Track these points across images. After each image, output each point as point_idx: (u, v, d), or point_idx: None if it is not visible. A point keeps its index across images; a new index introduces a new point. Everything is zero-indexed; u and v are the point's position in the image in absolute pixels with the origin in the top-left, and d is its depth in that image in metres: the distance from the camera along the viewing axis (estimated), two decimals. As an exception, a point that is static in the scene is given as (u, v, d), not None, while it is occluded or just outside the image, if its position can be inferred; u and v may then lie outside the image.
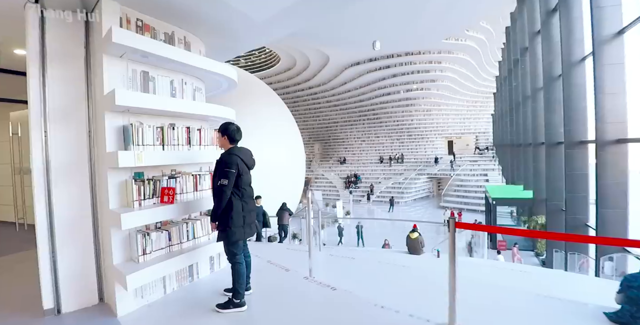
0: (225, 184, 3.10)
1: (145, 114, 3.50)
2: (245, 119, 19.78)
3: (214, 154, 3.83)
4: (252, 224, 3.36)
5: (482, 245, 17.09)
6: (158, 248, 3.42)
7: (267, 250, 6.08)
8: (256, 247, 5.68)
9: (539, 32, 16.96)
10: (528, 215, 19.80)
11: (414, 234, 7.99)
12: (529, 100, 19.13)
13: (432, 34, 25.72)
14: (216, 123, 4.03)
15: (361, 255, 5.95)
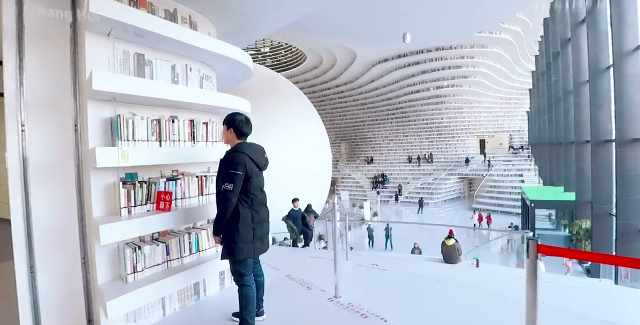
0: (230, 189, 2.52)
1: (139, 104, 2.95)
2: (272, 119, 19.66)
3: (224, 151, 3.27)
4: (264, 237, 2.79)
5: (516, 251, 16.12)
6: (153, 264, 2.86)
7: (288, 259, 5.50)
8: (275, 257, 5.11)
9: (583, 21, 15.91)
10: (569, 219, 18.68)
11: (450, 241, 7.25)
12: (571, 96, 18.04)
13: (464, 27, 24.55)
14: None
15: (392, 266, 5.29)
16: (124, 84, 2.56)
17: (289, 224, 8.81)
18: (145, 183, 2.83)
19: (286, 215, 8.88)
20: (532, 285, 1.72)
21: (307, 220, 8.98)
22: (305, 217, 9.06)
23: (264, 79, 23.02)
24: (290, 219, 8.75)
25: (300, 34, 26.47)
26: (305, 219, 9.02)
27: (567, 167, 19.03)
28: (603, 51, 14.13)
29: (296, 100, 23.04)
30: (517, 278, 5.90)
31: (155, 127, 2.91)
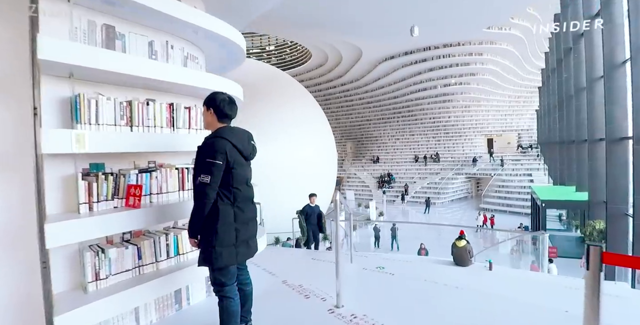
0: (207, 182, 2.12)
1: (107, 83, 2.54)
2: (277, 117, 19.32)
3: None
4: (250, 240, 2.36)
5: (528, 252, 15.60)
6: (120, 270, 2.44)
7: (286, 262, 5.08)
8: (272, 259, 4.70)
9: (597, 14, 15.38)
10: (581, 219, 18.16)
11: (461, 242, 6.78)
12: (584, 93, 17.57)
13: (473, 23, 23.96)
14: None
15: (400, 269, 4.85)
16: (84, 54, 2.14)
17: (300, 221, 8.04)
18: (112, 175, 2.41)
19: (300, 210, 8.12)
20: (593, 303, 1.28)
21: (323, 221, 8.18)
22: (322, 217, 8.30)
23: (268, 77, 22.74)
24: (303, 216, 7.95)
25: (305, 30, 26.11)
26: (322, 219, 8.22)
27: (579, 166, 18.55)
28: (619, 45, 13.68)
29: (301, 98, 22.79)
30: (535, 283, 5.44)
31: (126, 110, 2.50)
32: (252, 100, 19.47)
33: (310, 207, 8.07)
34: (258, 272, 4.14)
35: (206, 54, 3.56)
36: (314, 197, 8.21)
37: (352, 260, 4.93)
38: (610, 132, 13.71)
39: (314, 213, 8.06)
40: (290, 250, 7.86)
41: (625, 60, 12.94)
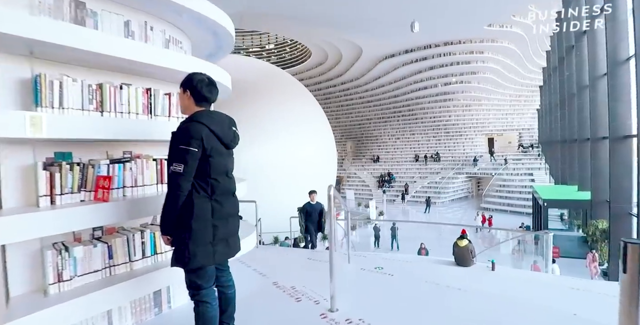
0: (180, 171, 1.88)
1: (74, 64, 2.30)
2: (276, 116, 19.09)
3: None
4: (230, 237, 2.11)
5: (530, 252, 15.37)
6: (88, 271, 2.20)
7: (279, 262, 4.84)
8: (264, 259, 4.46)
9: (601, 11, 15.16)
10: (583, 218, 17.95)
11: (462, 241, 6.54)
12: (587, 91, 17.33)
13: (474, 20, 23.67)
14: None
15: (399, 269, 4.62)
16: (47, 29, 1.90)
17: (299, 220, 7.77)
18: (78, 165, 2.17)
19: (300, 208, 7.79)
20: (631, 312, 1.04)
21: (324, 219, 7.68)
22: (324, 215, 7.77)
23: (268, 75, 22.56)
24: (304, 214, 7.60)
25: (305, 27, 25.91)
26: (323, 217, 7.73)
27: (582, 165, 18.32)
28: (623, 42, 13.52)
29: (301, 97, 22.63)
30: (540, 284, 5.20)
31: (96, 93, 2.26)
32: (251, 99, 19.41)
33: (310, 204, 7.70)
34: (247, 273, 3.90)
35: (192, 39, 3.31)
36: (315, 194, 7.74)
37: (349, 260, 4.69)
38: (614, 130, 13.50)
39: (315, 211, 7.67)
40: (287, 250, 7.61)
41: (630, 56, 12.76)
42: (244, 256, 3.40)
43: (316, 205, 7.67)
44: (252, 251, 3.13)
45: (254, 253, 3.70)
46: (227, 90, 3.16)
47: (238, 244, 2.20)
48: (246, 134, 16.12)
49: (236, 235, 2.17)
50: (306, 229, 7.62)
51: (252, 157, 18.27)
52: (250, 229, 3.21)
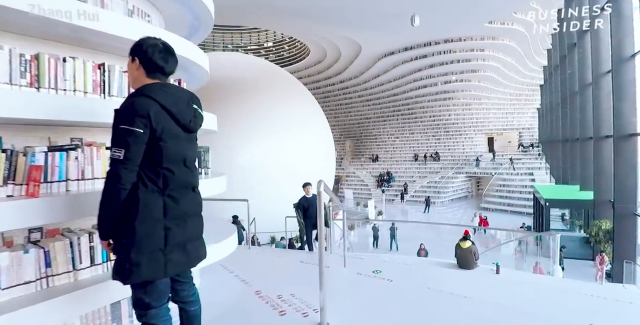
0: (120, 158, 1.52)
1: (5, 29, 1.95)
2: (274, 114, 18.81)
3: None
4: (189, 243, 1.70)
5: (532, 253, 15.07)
6: (17, 283, 1.81)
7: (268, 265, 4.51)
8: (249, 263, 4.13)
9: (601, 10, 14.92)
10: (584, 219, 17.68)
11: (465, 243, 6.26)
12: (589, 88, 17.11)
13: (475, 16, 23.34)
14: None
15: (399, 274, 4.31)
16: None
17: (297, 218, 7.00)
18: (4, 152, 1.78)
19: (296, 204, 7.10)
20: None
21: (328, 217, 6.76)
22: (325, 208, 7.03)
23: (266, 73, 22.27)
24: (301, 210, 6.85)
25: (304, 23, 25.56)
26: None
27: (584, 165, 18.08)
28: (627, 38, 13.22)
29: (300, 96, 22.40)
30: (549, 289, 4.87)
31: (31, 65, 1.88)
32: (249, 97, 19.08)
33: (306, 198, 6.98)
34: (227, 281, 3.51)
35: (164, 14, 2.95)
36: (309, 186, 7.02)
37: (345, 263, 4.36)
38: (619, 129, 13.23)
39: (311, 205, 6.87)
40: (280, 251, 7.22)
41: (635, 53, 12.52)
42: (228, 261, 3.08)
43: (312, 198, 6.87)
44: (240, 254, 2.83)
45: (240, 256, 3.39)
46: (205, 75, 2.82)
47: (201, 251, 1.79)
48: (244, 132, 15.88)
49: (198, 240, 1.76)
50: (304, 225, 6.87)
51: (249, 156, 18.00)
52: (229, 229, 2.87)
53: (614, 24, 13.72)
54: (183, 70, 2.55)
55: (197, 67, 2.54)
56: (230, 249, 2.55)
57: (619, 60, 13.26)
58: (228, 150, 17.71)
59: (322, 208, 2.26)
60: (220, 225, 2.84)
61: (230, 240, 2.59)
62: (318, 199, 2.25)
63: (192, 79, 2.80)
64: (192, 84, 3.00)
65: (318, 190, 2.20)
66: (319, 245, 2.32)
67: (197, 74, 2.74)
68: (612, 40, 13.73)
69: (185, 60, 2.34)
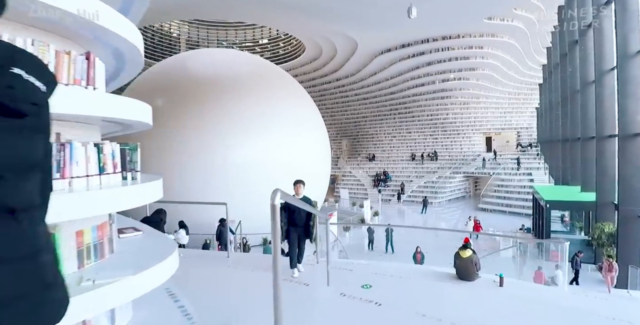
0: None
1: None
2: (268, 112, 18.26)
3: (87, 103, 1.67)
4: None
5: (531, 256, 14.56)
6: None
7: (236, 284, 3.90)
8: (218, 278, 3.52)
9: (608, 2, 14.44)
10: (585, 221, 17.20)
11: (465, 252, 5.65)
12: (591, 87, 16.74)
13: (474, 12, 22.78)
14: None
15: (390, 292, 3.73)
16: None
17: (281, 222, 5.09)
18: None
19: (282, 204, 5.23)
20: None
21: (312, 222, 5.41)
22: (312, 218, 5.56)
23: (261, 70, 21.73)
24: (286, 213, 5.33)
25: (299, 18, 24.98)
26: (312, 218, 5.48)
27: (585, 165, 17.64)
28: (633, 33, 12.78)
29: (295, 93, 21.90)
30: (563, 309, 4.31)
31: None
32: (243, 94, 18.47)
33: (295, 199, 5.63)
34: (165, 316, 2.87)
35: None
36: (300, 184, 5.57)
37: (329, 280, 3.74)
38: (624, 128, 12.81)
39: (300, 209, 5.31)
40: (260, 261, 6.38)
41: (639, 50, 12.00)
42: (183, 280, 2.49)
43: (302, 199, 5.36)
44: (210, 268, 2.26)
45: (206, 273, 2.79)
46: (136, 56, 2.21)
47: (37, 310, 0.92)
48: (238, 130, 15.24)
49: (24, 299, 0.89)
50: (287, 235, 5.29)
51: (243, 154, 17.49)
52: (169, 247, 2.26)
53: (618, 19, 13.29)
54: (97, 42, 1.96)
55: (119, 41, 1.94)
56: (169, 273, 1.96)
57: (624, 56, 12.85)
58: (222, 148, 17.41)
59: (278, 225, 1.64)
60: (158, 243, 2.27)
61: (170, 260, 1.99)
62: (272, 215, 1.65)
63: (115, 58, 2.20)
64: (118, 68, 2.41)
65: (272, 204, 1.61)
66: (274, 271, 1.66)
67: (121, 51, 2.14)
68: (617, 36, 13.28)
69: (98, 28, 1.75)
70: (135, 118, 1.92)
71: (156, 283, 1.81)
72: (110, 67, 2.34)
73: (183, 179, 16.95)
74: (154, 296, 1.71)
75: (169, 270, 1.95)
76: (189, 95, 17.95)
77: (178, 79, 19.32)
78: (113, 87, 2.90)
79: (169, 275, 1.92)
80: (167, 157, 17.20)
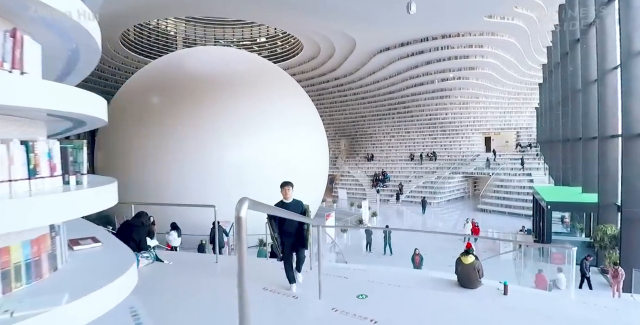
0: None
1: None
2: (265, 111, 17.98)
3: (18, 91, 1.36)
4: None
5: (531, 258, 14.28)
6: None
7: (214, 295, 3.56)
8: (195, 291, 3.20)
9: (609, 0, 14.19)
10: (586, 222, 16.92)
11: (468, 258, 5.36)
12: (593, 86, 16.51)
13: (474, 10, 22.41)
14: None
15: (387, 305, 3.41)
16: None
17: (271, 231, 4.71)
18: None
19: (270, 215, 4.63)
20: None
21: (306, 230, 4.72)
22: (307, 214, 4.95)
23: (258, 69, 21.50)
24: (275, 220, 4.62)
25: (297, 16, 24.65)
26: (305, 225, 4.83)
27: (587, 166, 17.36)
28: (637, 31, 12.47)
29: (293, 92, 21.74)
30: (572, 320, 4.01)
31: None
32: (241, 93, 18.15)
33: (284, 204, 4.74)
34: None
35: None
36: (288, 187, 4.78)
37: (320, 294, 3.38)
38: (627, 127, 12.53)
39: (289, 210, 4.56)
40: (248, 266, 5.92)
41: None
42: (146, 299, 2.15)
43: (292, 204, 4.77)
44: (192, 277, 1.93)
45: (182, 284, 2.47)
46: (88, 39, 1.86)
47: None
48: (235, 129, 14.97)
49: None
50: (281, 244, 4.59)
51: (240, 153, 17.25)
52: (126, 262, 1.88)
53: (622, 17, 12.97)
54: (36, 22, 1.63)
55: (60, 19, 1.61)
56: (115, 299, 1.61)
57: (628, 54, 12.57)
58: (219, 147, 17.21)
59: (243, 243, 1.30)
60: (110, 258, 1.92)
61: (115, 286, 1.64)
62: (238, 227, 1.30)
63: (63, 41, 1.86)
64: (73, 56, 2.07)
65: (237, 216, 1.28)
66: (239, 289, 1.30)
67: (67, 33, 1.80)
68: (621, 34, 12.97)
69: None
70: (81, 111, 1.59)
71: (102, 309, 1.48)
72: (60, 53, 2.00)
73: (180, 177, 16.71)
74: (111, 316, 1.40)
75: (121, 292, 1.62)
76: (185, 94, 17.72)
77: (174, 77, 19.07)
78: (74, 80, 2.56)
79: (120, 297, 1.59)
80: (164, 156, 16.99)
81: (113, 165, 18.65)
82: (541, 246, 14.17)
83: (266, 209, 1.68)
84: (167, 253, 8.43)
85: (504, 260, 14.91)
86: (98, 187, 1.65)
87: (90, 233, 2.32)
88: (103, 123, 1.92)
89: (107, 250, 2.00)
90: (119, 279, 1.63)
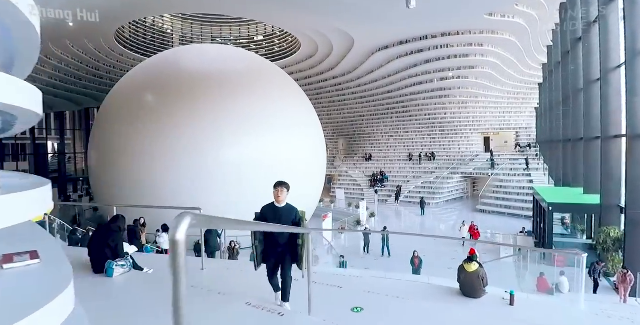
0: None
1: None
2: (263, 110, 17.69)
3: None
4: None
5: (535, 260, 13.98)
6: None
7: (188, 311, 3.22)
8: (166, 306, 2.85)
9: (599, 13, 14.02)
10: (587, 224, 16.66)
11: (471, 265, 5.01)
12: (595, 85, 16.26)
13: (474, 8, 22.04)
14: None
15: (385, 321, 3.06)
16: None
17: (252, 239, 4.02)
18: None
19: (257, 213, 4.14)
20: None
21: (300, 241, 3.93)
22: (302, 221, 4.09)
23: (256, 67, 21.20)
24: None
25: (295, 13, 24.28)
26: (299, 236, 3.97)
27: (588, 166, 17.09)
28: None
29: (291, 91, 21.46)
30: None
31: None
32: (239, 92, 17.77)
33: (273, 208, 4.01)
34: None
35: None
36: (282, 188, 3.99)
37: (310, 309, 3.02)
38: (631, 127, 12.29)
39: (281, 220, 3.94)
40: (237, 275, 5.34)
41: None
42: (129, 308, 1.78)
43: (284, 209, 4.00)
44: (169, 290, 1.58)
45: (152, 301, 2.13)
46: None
47: None
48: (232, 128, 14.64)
49: None
50: (263, 259, 3.97)
51: (237, 153, 16.97)
52: (60, 284, 1.54)
53: (627, 14, 12.69)
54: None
55: None
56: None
57: (633, 52, 12.30)
58: (216, 146, 16.96)
59: (181, 257, 0.94)
60: (44, 278, 1.56)
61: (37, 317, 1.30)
62: (171, 249, 0.95)
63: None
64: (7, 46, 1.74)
65: (172, 239, 0.93)
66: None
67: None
68: (625, 32, 12.70)
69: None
70: (15, 103, 1.24)
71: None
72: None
73: (175, 177, 16.42)
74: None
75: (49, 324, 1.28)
76: (182, 92, 17.41)
77: (171, 75, 18.76)
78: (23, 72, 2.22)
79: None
80: (160, 155, 16.70)
81: (107, 164, 18.32)
82: (548, 252, 13.79)
83: (227, 223, 1.31)
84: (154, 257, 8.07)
85: (505, 263, 14.62)
86: (25, 193, 1.30)
87: (41, 245, 1.96)
88: (37, 118, 1.56)
89: (42, 270, 1.65)
90: (44, 307, 1.27)
